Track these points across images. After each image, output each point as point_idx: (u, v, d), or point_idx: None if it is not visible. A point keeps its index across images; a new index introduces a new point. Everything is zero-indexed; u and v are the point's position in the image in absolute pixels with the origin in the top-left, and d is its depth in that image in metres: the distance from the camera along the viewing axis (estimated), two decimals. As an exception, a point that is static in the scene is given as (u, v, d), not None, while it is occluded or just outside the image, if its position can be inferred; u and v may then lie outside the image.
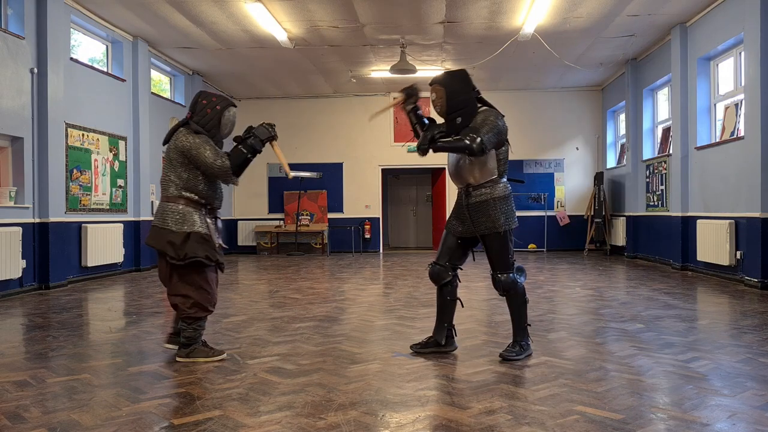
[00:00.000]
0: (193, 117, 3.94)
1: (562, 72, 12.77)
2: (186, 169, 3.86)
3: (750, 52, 7.53)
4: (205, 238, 3.86)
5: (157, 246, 3.87)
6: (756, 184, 7.37)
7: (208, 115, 3.95)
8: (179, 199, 3.86)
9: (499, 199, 3.85)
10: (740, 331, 4.81)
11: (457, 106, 3.84)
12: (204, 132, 3.90)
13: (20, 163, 7.67)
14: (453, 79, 3.90)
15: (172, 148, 3.90)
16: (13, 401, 3.14)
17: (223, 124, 4.01)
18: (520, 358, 3.89)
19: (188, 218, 3.83)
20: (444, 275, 4.06)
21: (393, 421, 2.81)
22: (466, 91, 3.87)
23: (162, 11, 8.92)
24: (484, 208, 3.86)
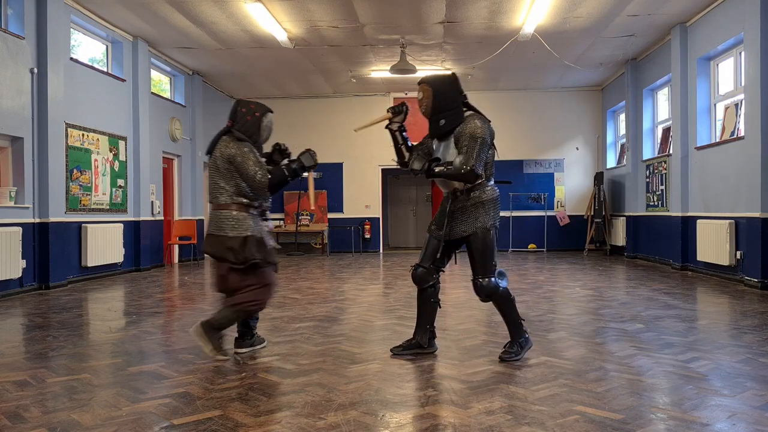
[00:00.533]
0: (234, 125, 4.07)
1: (562, 72, 12.77)
2: (234, 177, 3.98)
3: (750, 52, 7.53)
4: (261, 241, 4.01)
5: (217, 254, 3.98)
6: (756, 184, 7.37)
7: (248, 122, 4.08)
8: (232, 205, 3.99)
9: (486, 203, 3.85)
10: (740, 331, 4.81)
11: (442, 108, 3.86)
12: (246, 138, 4.03)
13: (20, 163, 7.67)
14: (441, 80, 3.92)
15: (219, 156, 4.01)
16: (13, 401, 3.14)
17: (262, 130, 4.15)
18: (520, 357, 3.88)
19: (243, 223, 3.96)
20: (428, 278, 4.04)
21: (393, 421, 2.81)
22: (453, 95, 3.87)
23: (162, 11, 8.92)
24: (471, 211, 3.85)
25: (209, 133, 13.63)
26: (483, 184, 3.87)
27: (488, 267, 3.83)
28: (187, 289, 8.17)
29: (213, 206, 4.06)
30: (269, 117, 4.21)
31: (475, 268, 3.87)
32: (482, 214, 3.83)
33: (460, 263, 4.02)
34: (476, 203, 3.84)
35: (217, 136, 4.12)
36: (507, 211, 14.63)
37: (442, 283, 4.93)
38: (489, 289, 3.83)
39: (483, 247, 3.83)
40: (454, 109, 3.85)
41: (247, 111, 4.11)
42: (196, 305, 6.61)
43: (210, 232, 4.04)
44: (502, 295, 3.88)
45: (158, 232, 11.18)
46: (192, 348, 4.35)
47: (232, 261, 3.92)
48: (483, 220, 3.83)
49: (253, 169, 3.93)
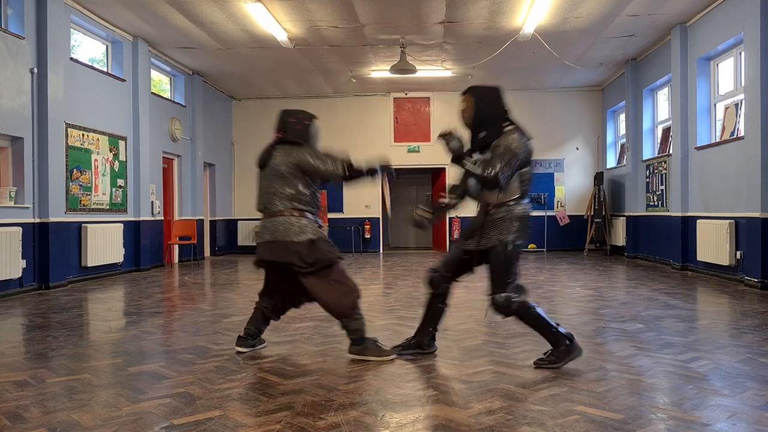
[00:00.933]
0: (286, 135, 4.16)
1: (562, 72, 12.77)
2: (298, 182, 4.04)
3: (750, 52, 7.53)
4: (326, 240, 4.08)
5: (283, 259, 3.98)
6: (756, 184, 7.36)
7: (298, 130, 4.17)
8: (293, 211, 4.03)
9: (515, 218, 3.74)
10: (740, 331, 4.81)
11: (483, 120, 3.79)
12: (304, 143, 4.12)
13: (20, 163, 7.67)
14: (485, 92, 3.86)
15: (281, 164, 4.05)
16: (13, 401, 3.14)
17: (312, 136, 4.21)
18: (558, 365, 3.69)
19: (306, 227, 4.01)
20: (440, 285, 4.01)
21: (393, 421, 2.81)
22: (496, 108, 3.81)
23: (162, 11, 8.92)
24: (498, 224, 3.74)
25: (209, 133, 13.66)
26: (517, 201, 3.77)
27: (503, 282, 3.70)
28: (187, 289, 8.17)
29: (268, 213, 4.06)
30: (316, 123, 4.29)
31: (491, 282, 3.76)
32: (507, 228, 3.71)
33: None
34: (504, 217, 3.73)
35: (270, 147, 4.18)
36: (507, 211, 14.62)
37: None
38: (499, 306, 3.71)
39: (500, 263, 3.71)
40: (495, 122, 3.77)
41: (296, 120, 4.21)
42: (196, 305, 6.61)
43: (271, 240, 4.01)
44: (518, 311, 3.72)
45: (158, 232, 11.17)
46: (192, 348, 4.35)
47: (298, 264, 3.93)
48: (506, 234, 3.71)
49: (324, 162, 4.00)
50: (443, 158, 14.86)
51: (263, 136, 15.56)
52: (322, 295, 4.00)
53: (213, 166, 14.11)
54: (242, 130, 15.22)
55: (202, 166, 13.07)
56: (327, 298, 4.00)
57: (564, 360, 3.70)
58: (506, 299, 3.69)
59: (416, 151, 14.88)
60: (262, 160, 4.17)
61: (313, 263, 3.95)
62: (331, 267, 4.02)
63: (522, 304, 3.72)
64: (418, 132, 14.96)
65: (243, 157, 15.23)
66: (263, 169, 4.15)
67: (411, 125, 14.95)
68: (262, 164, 4.17)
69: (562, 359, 3.70)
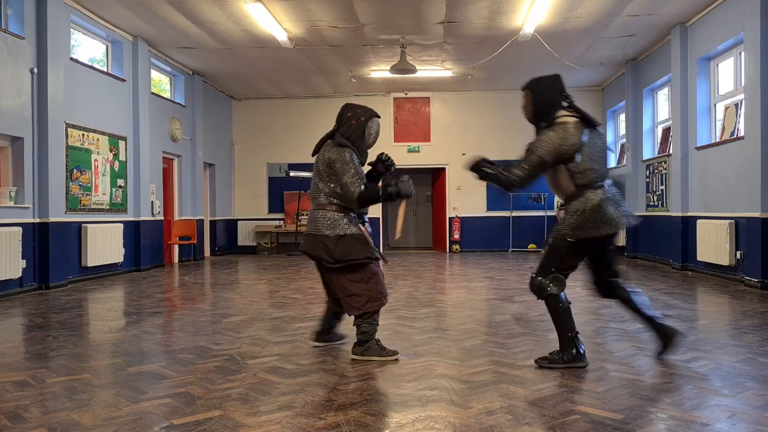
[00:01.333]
0: (339, 129, 4.12)
1: (562, 72, 12.71)
2: (332, 179, 4.02)
3: (750, 52, 7.52)
4: (358, 238, 3.98)
5: (311, 252, 4.02)
6: (756, 184, 7.36)
7: (353, 126, 4.10)
8: (329, 206, 4.03)
9: (573, 212, 3.65)
10: (740, 331, 4.81)
11: (541, 111, 3.77)
12: (349, 144, 4.05)
13: (20, 163, 7.67)
14: (540, 84, 3.84)
15: (321, 159, 4.09)
16: (13, 401, 3.14)
17: (367, 135, 4.14)
18: (556, 366, 3.66)
19: (339, 222, 3.97)
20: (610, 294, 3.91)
21: (393, 421, 2.81)
22: (552, 95, 3.78)
23: (162, 11, 8.92)
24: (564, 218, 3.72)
25: (209, 133, 13.66)
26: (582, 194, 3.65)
27: (545, 268, 3.73)
28: (187, 289, 8.17)
29: (312, 206, 4.12)
30: (375, 122, 4.17)
31: (538, 264, 3.80)
32: (566, 220, 3.68)
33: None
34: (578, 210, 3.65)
35: (323, 138, 4.20)
36: (507, 211, 14.64)
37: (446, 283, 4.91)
38: (534, 286, 3.74)
39: (549, 250, 3.73)
40: (550, 113, 3.74)
41: (353, 115, 4.14)
42: (196, 305, 6.61)
43: (307, 232, 4.11)
44: (552, 300, 3.72)
45: (158, 232, 11.17)
46: (192, 348, 4.35)
47: (326, 259, 3.93)
48: (562, 226, 3.69)
49: (349, 179, 3.93)
50: (443, 158, 14.89)
51: (263, 136, 15.65)
52: (344, 291, 3.99)
53: (213, 166, 14.11)
54: (242, 130, 15.22)
55: (202, 166, 13.07)
56: (348, 295, 3.97)
57: (565, 363, 3.67)
58: (540, 284, 3.72)
59: (416, 151, 14.88)
60: (315, 150, 4.24)
61: (339, 259, 3.91)
62: (362, 267, 3.96)
63: (552, 296, 3.71)
64: (418, 132, 14.96)
65: (243, 157, 15.24)
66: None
67: (411, 125, 14.95)
68: (313, 153, 4.27)
69: (564, 362, 3.67)
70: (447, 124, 14.82)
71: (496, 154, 14.51)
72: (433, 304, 6.33)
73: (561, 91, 3.80)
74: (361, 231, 4.02)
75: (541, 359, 3.77)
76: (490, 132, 14.64)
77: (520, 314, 5.64)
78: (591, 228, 3.62)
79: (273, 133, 15.11)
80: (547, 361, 3.72)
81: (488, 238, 14.75)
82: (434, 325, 5.18)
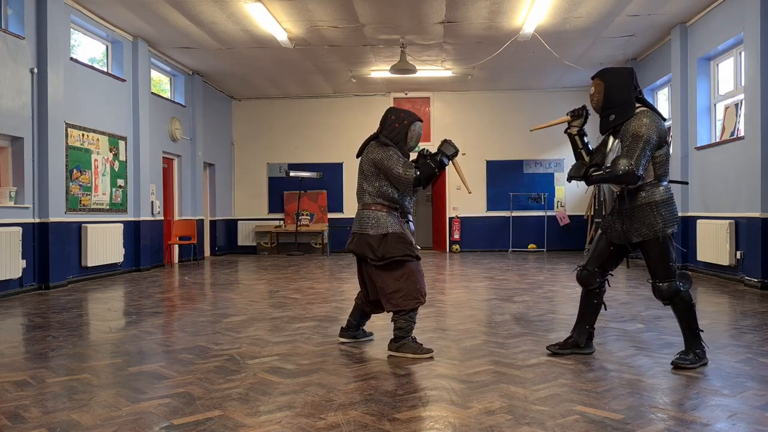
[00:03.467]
0: (383, 131, 4.28)
1: (562, 72, 12.76)
2: (377, 179, 4.20)
3: (750, 52, 7.53)
4: (401, 237, 4.14)
5: (357, 251, 4.20)
6: (756, 184, 7.36)
7: (396, 129, 4.26)
8: (373, 205, 4.20)
9: (658, 204, 3.67)
10: (740, 331, 4.81)
11: (612, 103, 3.77)
12: (392, 145, 4.22)
13: (20, 163, 7.67)
14: (613, 75, 3.83)
15: (365, 160, 4.27)
16: (13, 401, 3.14)
17: (410, 137, 4.30)
18: (695, 366, 3.63)
19: (383, 221, 4.15)
20: (592, 281, 3.98)
21: (393, 421, 2.81)
22: (625, 89, 3.77)
23: (162, 11, 8.92)
24: (640, 214, 3.69)
25: (209, 133, 13.67)
26: (654, 184, 3.70)
27: (669, 270, 3.68)
28: (187, 289, 8.17)
29: (359, 207, 4.31)
30: (417, 125, 4.34)
31: (653, 272, 3.73)
32: (655, 216, 3.66)
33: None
34: (647, 204, 3.67)
35: (366, 140, 4.34)
36: (507, 211, 14.64)
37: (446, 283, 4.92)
38: (670, 293, 3.66)
39: (659, 252, 3.69)
40: (624, 104, 3.74)
41: (396, 118, 4.30)
42: (196, 305, 6.61)
43: (353, 231, 4.27)
44: (683, 299, 3.68)
45: (158, 232, 11.17)
46: (192, 348, 4.35)
47: (370, 257, 4.10)
48: (656, 223, 3.66)
49: (400, 168, 4.11)
50: (443, 158, 14.87)
51: (263, 136, 15.65)
52: (384, 287, 4.11)
53: (213, 166, 14.11)
54: (242, 130, 15.22)
55: (202, 166, 13.07)
56: (389, 291, 4.09)
57: (700, 362, 3.66)
58: (669, 287, 3.66)
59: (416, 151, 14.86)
60: (359, 151, 4.38)
61: (382, 257, 4.08)
62: (403, 264, 4.11)
63: (687, 293, 3.68)
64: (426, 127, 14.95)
65: (243, 157, 15.24)
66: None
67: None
68: (358, 155, 4.38)
69: (699, 361, 3.67)
70: (447, 124, 14.82)
71: (496, 154, 14.57)
72: (433, 304, 6.33)
73: (635, 86, 3.81)
74: (404, 230, 4.19)
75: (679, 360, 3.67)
76: (490, 132, 14.64)
77: (520, 314, 5.64)
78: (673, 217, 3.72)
79: (273, 133, 15.11)
80: (688, 362, 3.64)
81: (488, 238, 14.75)
82: (434, 325, 5.19)
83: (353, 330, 4.51)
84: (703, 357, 3.70)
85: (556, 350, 4.04)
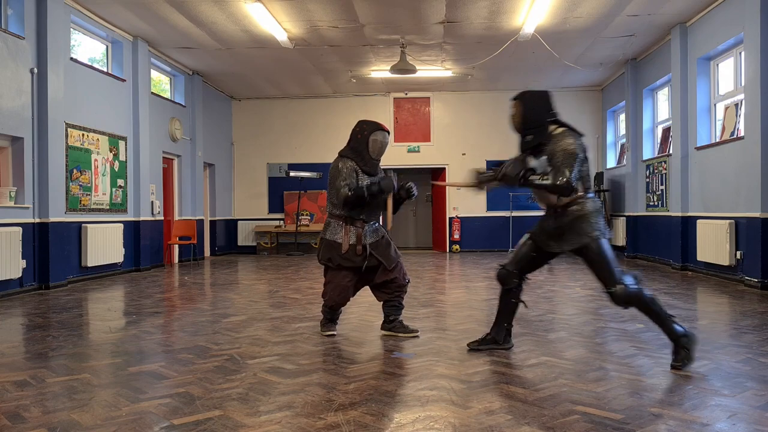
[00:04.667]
0: (348, 143, 4.63)
1: (562, 72, 12.77)
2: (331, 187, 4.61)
3: (750, 52, 7.53)
4: (332, 244, 4.57)
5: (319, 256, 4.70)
6: (756, 184, 7.36)
7: (358, 140, 4.58)
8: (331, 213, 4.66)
9: (591, 214, 3.78)
10: (740, 331, 4.81)
11: (531, 124, 3.91)
12: (350, 156, 4.56)
13: (20, 163, 7.67)
14: (531, 97, 4.00)
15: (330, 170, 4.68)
16: (13, 401, 3.14)
17: (371, 149, 4.58)
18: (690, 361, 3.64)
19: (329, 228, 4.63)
20: (509, 281, 4.10)
21: (393, 421, 2.81)
22: (542, 111, 3.93)
23: (162, 11, 8.92)
24: (575, 225, 3.80)
25: (209, 133, 13.67)
26: (584, 197, 3.83)
27: (612, 276, 3.72)
28: (187, 289, 8.17)
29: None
30: (378, 135, 4.57)
31: (601, 281, 3.79)
32: (587, 225, 3.77)
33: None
34: (578, 216, 3.79)
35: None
36: (507, 211, 14.65)
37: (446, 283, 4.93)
38: (622, 297, 3.69)
39: (598, 258, 3.76)
40: (542, 126, 3.88)
41: (360, 130, 4.60)
42: (196, 305, 6.61)
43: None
44: (639, 297, 3.71)
45: (158, 232, 11.17)
46: (192, 348, 4.35)
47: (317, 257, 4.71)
48: (589, 231, 3.76)
49: (338, 183, 4.49)
50: (443, 158, 14.89)
51: (263, 136, 15.65)
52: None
53: (213, 166, 14.11)
54: (242, 130, 15.22)
55: (202, 166, 13.07)
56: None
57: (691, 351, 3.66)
58: (623, 292, 3.69)
59: (416, 151, 14.89)
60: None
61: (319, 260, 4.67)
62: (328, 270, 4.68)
63: (639, 291, 3.71)
64: (418, 132, 14.96)
65: (243, 157, 15.24)
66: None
67: (411, 125, 14.95)
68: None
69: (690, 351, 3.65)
70: (447, 124, 14.82)
71: (496, 154, 14.55)
72: (433, 304, 6.33)
73: (550, 108, 3.95)
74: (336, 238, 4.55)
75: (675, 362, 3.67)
76: (490, 132, 14.64)
77: (519, 314, 5.62)
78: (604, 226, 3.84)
79: (273, 133, 15.11)
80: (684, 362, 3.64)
81: (488, 238, 14.75)
82: (434, 325, 5.19)
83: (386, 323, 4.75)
84: (690, 342, 3.68)
85: (475, 347, 4.18)
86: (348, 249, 4.52)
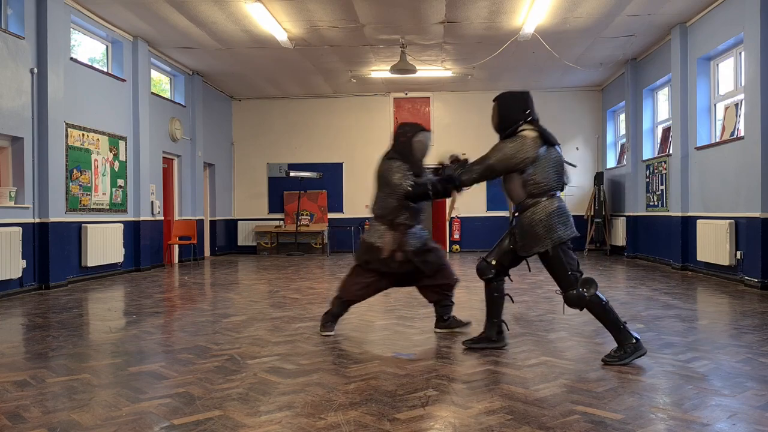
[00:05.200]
0: (393, 146, 4.64)
1: (562, 72, 12.77)
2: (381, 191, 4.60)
3: (750, 52, 7.53)
4: (372, 247, 4.59)
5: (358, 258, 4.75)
6: (756, 184, 7.36)
7: (401, 143, 4.60)
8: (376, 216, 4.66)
9: (540, 221, 3.83)
10: (740, 331, 4.81)
11: (507, 125, 3.99)
12: (398, 157, 4.55)
13: (20, 163, 7.67)
14: (507, 98, 4.06)
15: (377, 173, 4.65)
16: (13, 401, 3.14)
17: (415, 149, 4.59)
18: (625, 361, 3.72)
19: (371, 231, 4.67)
20: (486, 272, 4.16)
21: (393, 421, 2.81)
22: (515, 111, 3.98)
23: (162, 11, 8.92)
24: (526, 230, 3.89)
25: (209, 133, 13.67)
26: (534, 204, 3.87)
27: (567, 281, 3.81)
28: (187, 289, 8.17)
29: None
30: (420, 136, 4.60)
31: (558, 284, 3.90)
32: (542, 231, 3.83)
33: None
34: (531, 224, 3.86)
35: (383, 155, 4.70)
36: (507, 211, 14.63)
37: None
38: (575, 302, 3.80)
39: (555, 265, 3.84)
40: (513, 126, 3.96)
41: (402, 132, 4.63)
42: (196, 305, 6.61)
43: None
44: (593, 302, 3.79)
45: (158, 232, 11.17)
46: (192, 348, 4.36)
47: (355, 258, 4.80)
48: (545, 237, 3.82)
49: (397, 180, 4.45)
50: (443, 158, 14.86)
51: (263, 136, 15.65)
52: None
53: (213, 166, 14.11)
54: (242, 130, 15.22)
55: (202, 166, 13.07)
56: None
57: (631, 356, 3.74)
58: (577, 296, 3.79)
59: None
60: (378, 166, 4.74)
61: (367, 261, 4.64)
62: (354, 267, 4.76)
63: (594, 297, 3.79)
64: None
65: (243, 157, 15.24)
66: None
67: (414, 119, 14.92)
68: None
69: (630, 355, 3.75)
70: (447, 124, 14.82)
71: (496, 154, 14.55)
72: (433, 304, 6.32)
73: (525, 109, 4.00)
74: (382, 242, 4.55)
75: (608, 357, 3.78)
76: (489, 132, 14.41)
77: (520, 314, 5.64)
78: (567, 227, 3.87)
79: (273, 133, 15.11)
80: (617, 359, 3.74)
81: (488, 238, 14.68)
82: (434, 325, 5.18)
83: (440, 321, 4.85)
84: (636, 349, 3.76)
85: (470, 345, 4.23)
86: (388, 254, 4.53)
